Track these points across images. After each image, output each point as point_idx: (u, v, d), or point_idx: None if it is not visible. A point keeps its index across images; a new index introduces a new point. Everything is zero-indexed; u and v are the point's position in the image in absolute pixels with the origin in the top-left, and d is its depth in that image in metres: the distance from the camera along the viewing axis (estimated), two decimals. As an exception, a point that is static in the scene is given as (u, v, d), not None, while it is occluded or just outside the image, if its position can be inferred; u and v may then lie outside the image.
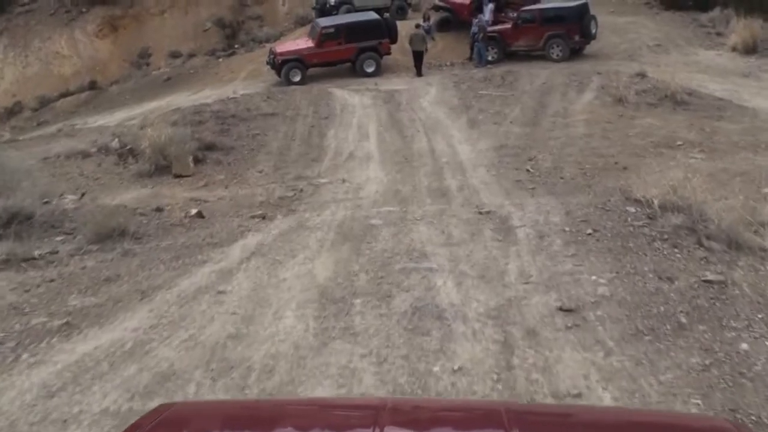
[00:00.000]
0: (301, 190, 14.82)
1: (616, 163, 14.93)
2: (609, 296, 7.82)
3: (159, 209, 12.02)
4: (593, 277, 8.34)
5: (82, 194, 13.24)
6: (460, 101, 19.77)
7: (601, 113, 18.05)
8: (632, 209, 10.61)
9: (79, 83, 31.80)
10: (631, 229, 9.82)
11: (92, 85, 31.66)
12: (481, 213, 11.68)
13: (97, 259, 9.62)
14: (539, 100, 19.35)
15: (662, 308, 7.51)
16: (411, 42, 24.96)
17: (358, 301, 8.01)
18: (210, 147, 17.28)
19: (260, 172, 16.11)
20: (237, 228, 11.04)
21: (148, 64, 33.19)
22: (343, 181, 15.30)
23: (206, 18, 34.38)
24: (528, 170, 14.97)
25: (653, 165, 14.59)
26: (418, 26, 26.02)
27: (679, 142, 15.71)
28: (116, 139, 18.19)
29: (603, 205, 10.97)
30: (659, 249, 9.20)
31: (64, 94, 31.29)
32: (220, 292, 8.39)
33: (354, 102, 20.44)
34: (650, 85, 19.57)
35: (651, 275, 8.31)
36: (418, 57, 25.10)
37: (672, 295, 7.83)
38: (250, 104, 20.31)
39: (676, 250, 9.22)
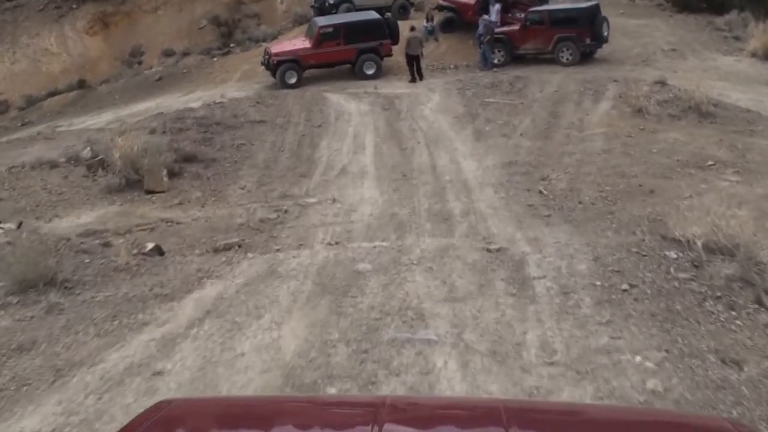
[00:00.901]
0: (286, 211, 12.86)
1: (640, 185, 12.92)
2: (662, 392, 5.82)
3: (106, 244, 10.02)
4: (637, 359, 6.35)
5: (20, 223, 11.22)
6: (465, 109, 17.75)
7: (619, 126, 16.00)
8: (672, 254, 8.62)
9: (67, 82, 29.79)
10: (676, 284, 7.82)
11: (81, 84, 29.64)
12: (489, 251, 9.72)
13: (14, 317, 7.64)
14: (551, 109, 17.31)
15: (735, 412, 5.48)
16: (408, 45, 22.85)
17: (332, 390, 5.98)
18: (189, 159, 15.28)
19: (242, 188, 14.11)
20: (195, 273, 9.05)
21: (140, 63, 31.15)
22: (334, 200, 13.32)
23: (201, 15, 32.32)
24: (541, 192, 12.98)
25: (682, 188, 12.65)
26: (413, 29, 23.89)
27: (709, 162, 13.69)
28: (88, 148, 16.20)
29: (636, 247, 8.99)
30: (713, 313, 7.22)
31: (52, 93, 29.26)
32: (156, 374, 6.41)
33: (350, 108, 18.42)
34: (672, 95, 17.52)
35: (711, 357, 6.34)
36: (413, 61, 23.00)
37: (744, 389, 5.84)
38: (238, 110, 18.30)
39: (733, 314, 7.24)
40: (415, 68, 22.92)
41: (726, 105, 17.24)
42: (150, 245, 9.81)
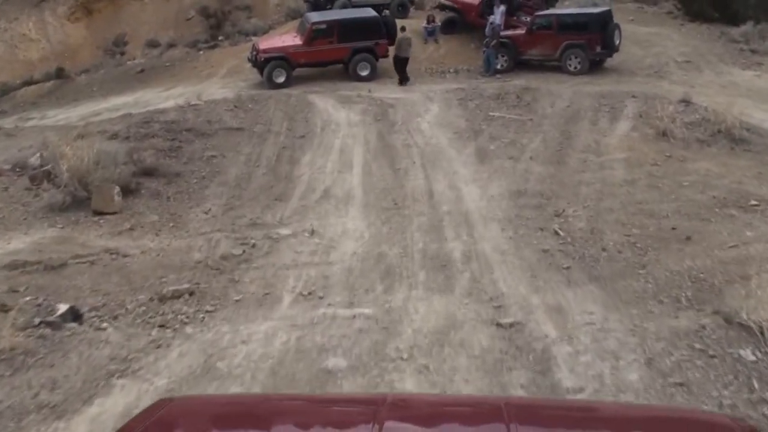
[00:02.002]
0: (254, 246, 10.52)
1: (673, 228, 10.63)
2: None
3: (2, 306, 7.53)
4: None
5: None
6: (467, 124, 15.36)
7: (642, 151, 13.66)
8: (748, 353, 6.29)
9: (45, 70, 27.22)
10: (766, 410, 5.40)
11: (59, 73, 27.11)
12: (501, 326, 7.41)
13: None
14: (564, 128, 14.94)
15: None
16: (398, 47, 20.50)
17: None
18: (149, 172, 12.91)
19: (207, 212, 11.74)
20: (105, 365, 6.67)
21: (122, 53, 28.64)
22: (312, 232, 10.98)
23: (190, 5, 29.83)
24: (556, 232, 10.66)
25: (724, 235, 10.39)
26: (404, 29, 21.46)
27: (752, 201, 11.38)
28: (38, 154, 13.74)
29: (698, 339, 6.68)
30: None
31: (28, 82, 26.78)
32: None
33: (339, 117, 16.00)
34: (698, 116, 15.18)
35: None
36: (402, 64, 20.64)
37: None
38: (213, 114, 15.88)
39: None
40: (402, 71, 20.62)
41: (760, 130, 14.87)
42: (62, 308, 7.40)
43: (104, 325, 7.53)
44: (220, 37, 28.78)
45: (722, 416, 3.61)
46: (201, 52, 27.48)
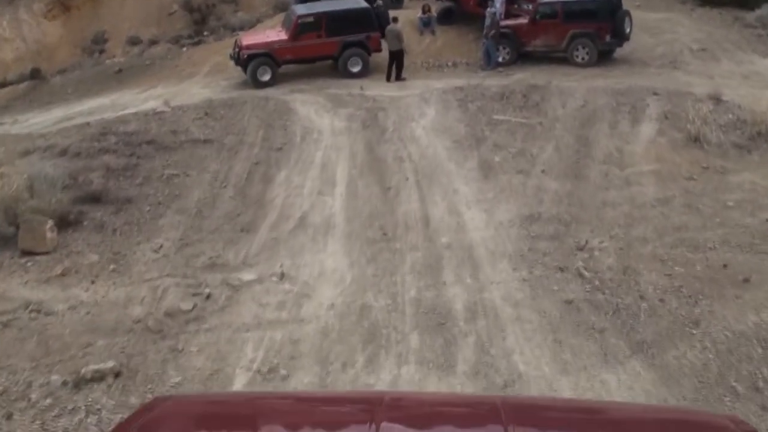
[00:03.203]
0: (209, 297, 8.29)
1: (725, 266, 8.42)
2: None
3: None
4: None
5: None
6: (468, 129, 13.00)
7: (673, 161, 11.36)
8: None
9: (20, 71, 24.85)
10: None
11: (34, 74, 24.77)
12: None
13: None
14: (579, 132, 12.61)
15: None
16: (386, 38, 18.23)
17: None
18: (96, 198, 10.66)
19: (157, 250, 9.47)
20: None
21: (102, 52, 26.18)
22: (281, 276, 8.74)
23: (172, 0, 27.26)
24: (581, 273, 8.42)
25: (788, 273, 8.02)
26: (395, 20, 19.03)
27: (817, 228, 9.01)
28: (-30, 176, 11.43)
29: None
30: None
31: (1, 84, 24.43)
32: None
33: (322, 125, 13.64)
34: (732, 116, 12.84)
35: None
36: (394, 58, 18.30)
37: None
38: (180, 124, 13.54)
39: None
40: (394, 66, 18.24)
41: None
42: None
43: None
44: (204, 33, 26.31)
45: (722, 417, 3.21)
46: (184, 49, 25.06)
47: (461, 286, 8.35)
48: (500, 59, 19.44)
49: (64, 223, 9.94)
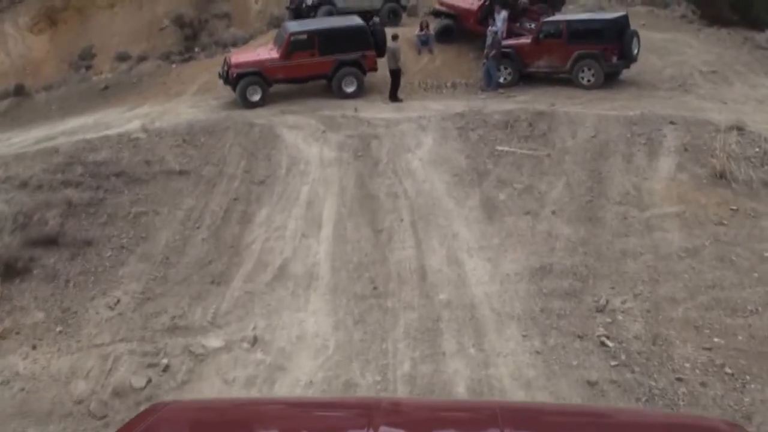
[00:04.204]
0: (166, 370, 6.91)
1: (773, 337, 6.90)
2: None
3: None
4: None
5: None
6: (469, 162, 11.64)
7: (698, 201, 9.98)
8: None
9: (3, 87, 23.43)
10: None
11: (18, 91, 23.34)
12: None
13: None
14: (591, 167, 11.25)
15: None
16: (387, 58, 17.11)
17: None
18: (51, 241, 9.30)
19: (113, 306, 8.09)
20: None
21: (89, 67, 24.81)
22: (254, 342, 7.36)
23: (163, 14, 25.96)
24: (603, 343, 7.06)
25: None
26: (395, 37, 17.71)
27: None
28: None
29: None
30: None
31: (-16, 101, 22.99)
32: None
33: (310, 155, 12.26)
34: (759, 149, 11.51)
35: None
36: (392, 77, 17.10)
37: None
38: (155, 152, 12.17)
39: None
40: (391, 86, 17.12)
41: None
42: None
43: None
44: (195, 49, 24.95)
45: (718, 421, 3.15)
46: (174, 66, 23.71)
47: (463, 359, 6.97)
48: (501, 80, 18.18)
49: (10, 272, 8.57)
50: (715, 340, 7.04)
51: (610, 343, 7.06)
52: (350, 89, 17.92)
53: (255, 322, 7.75)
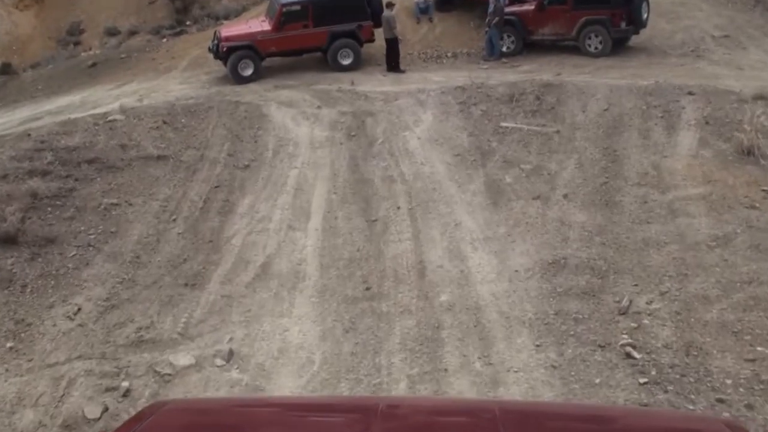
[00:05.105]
0: (126, 395, 5.88)
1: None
2: None
3: None
4: None
5: None
6: (472, 140, 10.49)
7: (725, 181, 8.86)
8: None
9: (-11, 66, 22.29)
10: None
11: (5, 69, 22.21)
12: None
13: None
14: (605, 143, 10.11)
15: None
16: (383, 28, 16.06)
17: None
18: (10, 239, 8.23)
19: (73, 316, 7.07)
20: None
21: (77, 43, 23.57)
22: (229, 357, 6.30)
23: (154, -14, 24.57)
24: (629, 354, 5.99)
25: None
26: (390, 5, 16.44)
27: None
28: None
29: None
30: None
31: (-31, 80, 21.83)
32: None
33: (299, 135, 11.12)
34: (787, 121, 10.21)
35: None
36: (389, 47, 15.91)
37: None
38: (132, 136, 11.06)
39: None
40: (389, 56, 16.11)
41: None
42: None
43: None
44: (187, 22, 23.66)
45: (717, 420, 3.21)
46: (164, 40, 22.46)
47: (468, 376, 5.91)
48: (504, 49, 17.01)
49: (-39, 276, 7.50)
50: (759, 349, 5.97)
51: (636, 355, 5.99)
52: (347, 62, 16.79)
53: (232, 333, 6.69)
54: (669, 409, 4.99)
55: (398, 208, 8.84)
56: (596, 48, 16.51)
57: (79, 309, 7.11)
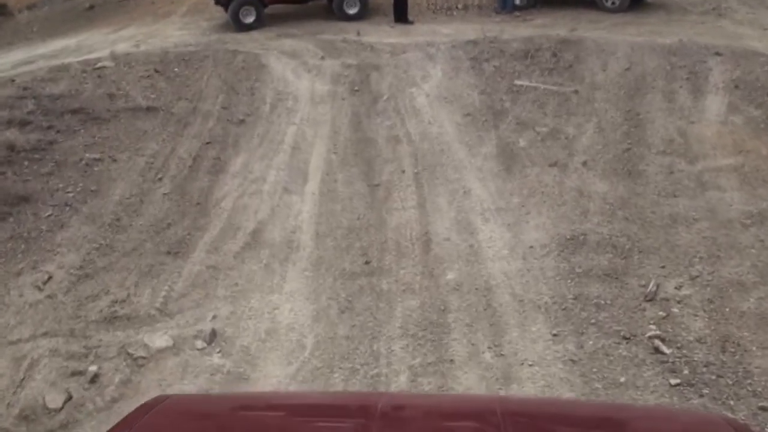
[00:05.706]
0: (94, 381, 5.15)
1: None
2: None
3: None
4: None
5: None
6: (483, 99, 9.57)
7: (758, 151, 8.02)
8: None
9: (-16, 7, 21.18)
10: None
11: (0, 10, 21.07)
12: None
13: None
14: (627, 106, 9.18)
15: None
16: None
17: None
18: (-20, 196, 7.29)
19: (42, 285, 6.32)
20: None
21: (76, -16, 22.32)
22: (211, 338, 5.57)
23: (154, -74, 23.18)
24: (657, 348, 5.17)
25: None
26: None
27: None
28: None
29: None
30: None
31: (-36, 21, 20.77)
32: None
33: (299, 89, 10.20)
34: (822, 86, 9.29)
35: None
36: None
37: None
38: (121, 85, 10.15)
39: None
40: (397, 6, 15.05)
41: None
42: None
43: None
44: (189, -35, 22.42)
45: (717, 416, 3.01)
46: (165, -17, 21.33)
47: (477, 369, 5.16)
48: (517, 1, 15.90)
49: (-76, 239, 6.72)
50: (805, 347, 5.19)
51: (666, 349, 5.23)
52: (353, 11, 15.73)
53: (216, 309, 5.94)
54: (671, 407, 4.68)
55: (403, 171, 8.00)
56: (614, 3, 15.41)
57: (50, 277, 6.34)
